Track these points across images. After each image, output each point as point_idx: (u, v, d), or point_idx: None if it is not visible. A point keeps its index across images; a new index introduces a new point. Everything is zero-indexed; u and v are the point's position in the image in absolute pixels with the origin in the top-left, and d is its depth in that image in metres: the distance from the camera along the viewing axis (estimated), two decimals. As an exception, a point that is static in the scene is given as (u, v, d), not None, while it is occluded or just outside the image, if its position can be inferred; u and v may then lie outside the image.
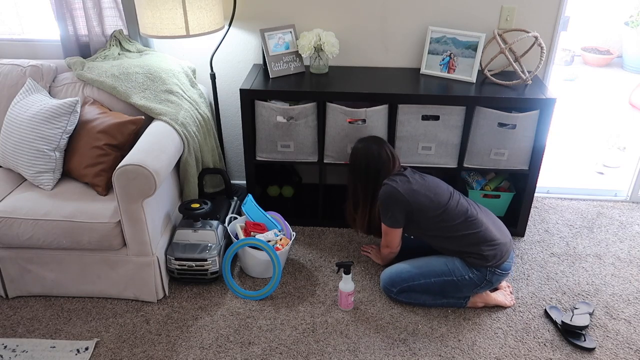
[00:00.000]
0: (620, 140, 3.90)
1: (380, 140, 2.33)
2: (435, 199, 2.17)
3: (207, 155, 2.58)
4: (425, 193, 2.18)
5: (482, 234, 2.14)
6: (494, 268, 2.15)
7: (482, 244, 2.13)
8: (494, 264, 2.14)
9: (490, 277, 2.16)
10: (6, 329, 2.16)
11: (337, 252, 2.61)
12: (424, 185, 2.21)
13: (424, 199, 2.17)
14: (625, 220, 2.86)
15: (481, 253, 2.12)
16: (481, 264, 2.13)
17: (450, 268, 2.16)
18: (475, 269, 2.15)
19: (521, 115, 2.39)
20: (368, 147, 2.28)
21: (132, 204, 2.04)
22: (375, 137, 2.36)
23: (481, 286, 2.18)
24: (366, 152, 2.28)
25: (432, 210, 2.16)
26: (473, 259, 2.14)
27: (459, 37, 2.52)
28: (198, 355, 2.04)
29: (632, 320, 2.20)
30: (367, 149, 2.28)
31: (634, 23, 5.30)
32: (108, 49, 2.58)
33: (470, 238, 2.14)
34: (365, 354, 2.04)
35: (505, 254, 2.16)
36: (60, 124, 2.24)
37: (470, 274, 2.15)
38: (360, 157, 2.29)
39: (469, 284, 2.16)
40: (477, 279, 2.15)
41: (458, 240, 2.16)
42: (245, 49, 2.75)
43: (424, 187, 2.20)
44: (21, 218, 2.10)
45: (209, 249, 2.28)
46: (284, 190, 2.99)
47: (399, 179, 2.21)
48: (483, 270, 2.14)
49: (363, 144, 2.31)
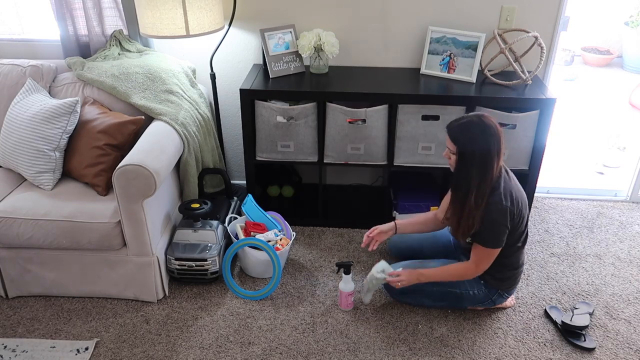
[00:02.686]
0: (620, 140, 3.90)
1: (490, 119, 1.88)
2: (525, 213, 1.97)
3: (207, 155, 2.58)
4: (523, 208, 1.95)
5: (523, 253, 2.07)
6: (503, 291, 2.11)
7: (517, 263, 2.06)
8: (507, 288, 2.10)
9: (495, 298, 2.13)
10: (6, 329, 2.16)
11: (337, 252, 2.61)
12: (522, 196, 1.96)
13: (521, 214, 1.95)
14: (625, 220, 2.86)
15: (508, 272, 2.06)
16: (496, 284, 2.09)
17: (457, 281, 2.11)
18: (484, 287, 2.10)
19: (521, 115, 2.39)
20: (487, 128, 1.83)
21: (132, 204, 2.04)
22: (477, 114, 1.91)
23: (483, 303, 2.15)
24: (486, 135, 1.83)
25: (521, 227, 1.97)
26: (492, 277, 2.07)
27: (459, 37, 2.52)
28: (198, 355, 2.04)
29: (632, 320, 2.20)
30: (487, 130, 1.83)
31: (634, 23, 5.30)
32: (108, 49, 2.58)
33: (518, 253, 2.04)
34: (365, 354, 2.04)
35: (519, 279, 2.12)
36: (60, 124, 2.24)
37: (477, 290, 2.10)
38: (477, 140, 1.84)
39: (472, 299, 2.13)
40: (482, 296, 2.11)
41: (512, 251, 2.02)
42: (245, 49, 2.75)
43: (522, 200, 1.95)
44: (21, 218, 2.10)
45: (209, 249, 2.28)
46: (284, 190, 2.99)
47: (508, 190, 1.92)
48: (492, 291, 2.10)
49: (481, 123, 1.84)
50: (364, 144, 2.52)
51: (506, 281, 2.09)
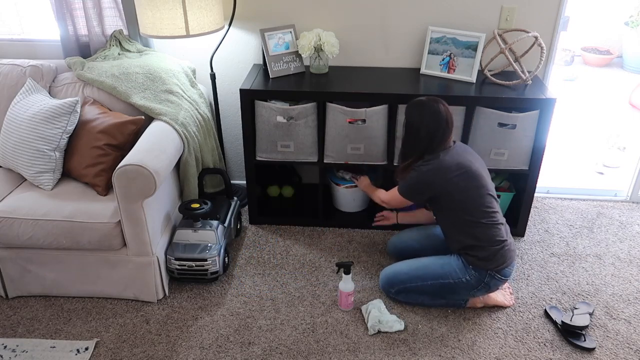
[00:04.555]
0: (620, 140, 3.90)
1: (438, 100, 2.14)
2: (477, 182, 2.09)
3: (207, 155, 2.58)
4: (470, 172, 2.08)
5: (496, 230, 2.10)
6: (494, 272, 2.12)
7: (493, 239, 2.09)
8: (494, 267, 2.11)
9: (489, 281, 2.13)
10: (6, 329, 2.16)
11: (337, 252, 2.61)
12: (471, 162, 2.11)
13: (463, 182, 2.08)
14: (625, 220, 2.86)
15: (488, 249, 2.08)
16: (482, 265, 2.11)
17: (447, 271, 2.14)
18: (473, 270, 2.12)
19: (521, 115, 2.39)
20: (429, 108, 2.10)
21: (132, 204, 2.04)
22: (434, 97, 2.16)
23: (478, 289, 2.15)
24: (426, 113, 2.11)
25: (470, 190, 2.09)
26: (476, 257, 2.10)
27: (459, 37, 2.52)
28: (198, 355, 2.04)
29: (632, 320, 2.20)
30: (428, 109, 2.10)
31: (634, 23, 5.30)
32: (108, 49, 2.58)
33: (486, 230, 2.09)
34: (365, 354, 2.04)
35: (508, 259, 2.12)
36: (60, 124, 2.24)
37: (468, 276, 2.12)
38: (415, 118, 2.13)
39: (466, 287, 2.14)
40: (475, 280, 2.12)
41: (472, 227, 2.10)
42: (245, 49, 2.75)
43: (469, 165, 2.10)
44: (21, 218, 2.10)
45: (209, 249, 2.28)
46: (284, 190, 2.99)
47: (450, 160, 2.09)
48: (482, 273, 2.12)
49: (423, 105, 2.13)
50: (364, 144, 2.52)
51: (491, 260, 2.10)
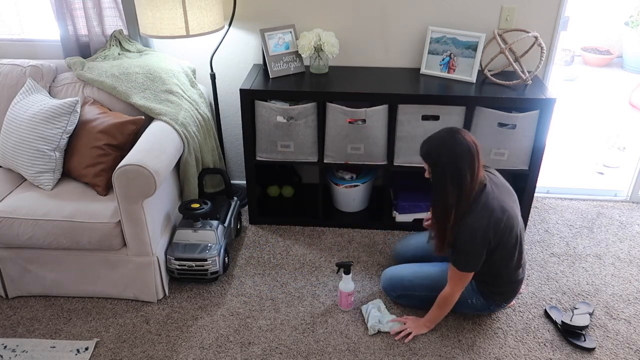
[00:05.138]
0: (620, 140, 3.90)
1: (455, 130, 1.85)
2: (515, 226, 1.89)
3: (207, 155, 2.58)
4: (511, 216, 1.87)
5: (520, 271, 2.02)
6: (501, 302, 2.10)
7: (514, 280, 2.02)
8: (504, 300, 2.09)
9: (494, 309, 2.12)
10: (6, 329, 2.16)
11: (337, 252, 2.61)
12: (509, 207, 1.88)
13: (508, 229, 1.87)
14: (625, 220, 2.86)
15: (505, 288, 2.04)
16: (494, 298, 2.07)
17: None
18: (482, 297, 2.07)
19: (521, 115, 2.39)
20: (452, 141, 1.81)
21: (132, 204, 2.04)
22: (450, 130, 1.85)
23: (481, 312, 2.14)
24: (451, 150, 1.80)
25: (512, 247, 1.90)
26: (490, 291, 2.05)
27: (459, 37, 2.52)
28: (198, 355, 2.04)
29: (632, 320, 2.20)
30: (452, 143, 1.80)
31: (634, 23, 5.30)
32: (108, 49, 2.58)
33: (511, 272, 1.98)
34: (365, 354, 2.04)
35: (514, 289, 2.07)
36: (60, 124, 2.24)
37: (475, 299, 2.08)
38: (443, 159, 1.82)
39: (470, 307, 2.11)
40: (480, 306, 2.10)
41: (499, 269, 1.97)
42: (245, 49, 2.75)
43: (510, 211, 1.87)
44: (21, 218, 2.10)
45: (209, 249, 2.28)
46: (284, 190, 2.99)
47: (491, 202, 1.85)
48: (489, 302, 2.08)
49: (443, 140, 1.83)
50: (364, 144, 2.52)
51: (504, 294, 2.07)
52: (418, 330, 2.09)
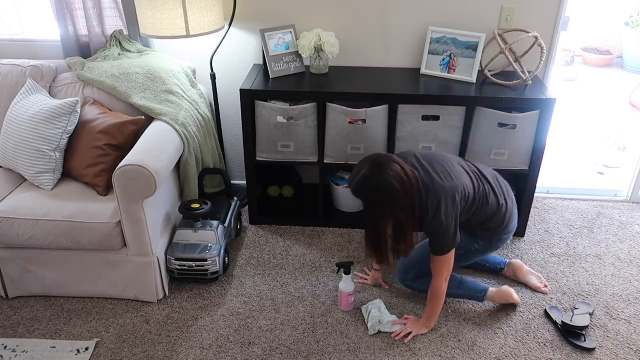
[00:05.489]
0: (620, 140, 3.90)
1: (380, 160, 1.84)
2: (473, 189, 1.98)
3: (207, 155, 2.58)
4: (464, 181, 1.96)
5: (498, 213, 2.08)
6: (499, 234, 2.16)
7: (495, 219, 2.09)
8: (501, 231, 2.14)
9: (496, 243, 2.18)
10: (6, 329, 2.16)
11: (337, 252, 2.61)
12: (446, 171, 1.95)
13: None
14: (625, 220, 2.86)
15: (490, 227, 2.12)
16: (487, 234, 2.15)
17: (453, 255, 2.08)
18: (480, 239, 2.16)
19: (521, 115, 2.39)
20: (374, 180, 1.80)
21: (132, 204, 2.04)
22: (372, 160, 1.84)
23: (488, 252, 2.23)
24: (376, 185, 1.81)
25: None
26: (481, 231, 2.13)
27: (459, 37, 2.52)
28: (198, 355, 2.04)
29: (632, 320, 2.20)
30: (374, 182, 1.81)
31: (634, 23, 5.30)
32: (108, 49, 2.58)
33: (490, 217, 2.08)
34: (365, 354, 2.04)
35: (508, 217, 2.12)
36: (60, 124, 2.24)
37: (475, 244, 2.17)
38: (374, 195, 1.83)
39: (475, 253, 2.19)
40: (483, 247, 2.18)
41: (475, 220, 2.08)
42: (245, 49, 2.75)
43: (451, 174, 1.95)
44: (21, 218, 2.10)
45: (209, 249, 2.28)
46: (284, 190, 2.99)
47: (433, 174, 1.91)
48: (487, 239, 2.16)
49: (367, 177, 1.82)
50: (364, 144, 2.52)
51: (494, 229, 2.13)
52: (418, 330, 2.11)
